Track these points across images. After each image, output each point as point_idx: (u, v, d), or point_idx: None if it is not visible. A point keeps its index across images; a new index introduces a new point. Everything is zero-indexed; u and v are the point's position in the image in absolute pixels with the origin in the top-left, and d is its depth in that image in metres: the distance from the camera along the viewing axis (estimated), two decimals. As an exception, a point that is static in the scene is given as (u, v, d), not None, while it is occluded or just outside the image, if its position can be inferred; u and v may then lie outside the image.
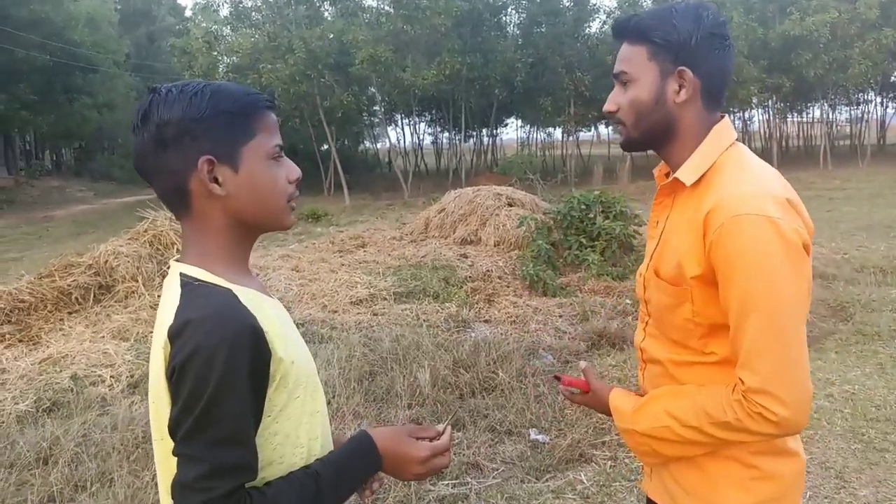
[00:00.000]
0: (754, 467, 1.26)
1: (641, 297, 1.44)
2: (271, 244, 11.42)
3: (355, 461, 1.14)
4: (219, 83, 1.08)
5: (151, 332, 4.40)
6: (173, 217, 6.46)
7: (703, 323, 1.24)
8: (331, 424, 1.27)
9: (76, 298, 6.32)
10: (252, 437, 1.00)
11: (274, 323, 1.05)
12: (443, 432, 1.23)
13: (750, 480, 1.26)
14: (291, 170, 1.13)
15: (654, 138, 1.30)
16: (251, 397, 0.98)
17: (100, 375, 4.96)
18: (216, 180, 1.04)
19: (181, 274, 1.06)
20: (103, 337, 5.69)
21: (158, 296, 6.35)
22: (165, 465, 1.03)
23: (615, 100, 1.30)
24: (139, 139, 1.04)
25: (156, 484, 3.33)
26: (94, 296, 6.39)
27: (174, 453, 0.97)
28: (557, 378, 1.61)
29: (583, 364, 1.58)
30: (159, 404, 1.01)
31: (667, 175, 1.38)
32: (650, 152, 1.42)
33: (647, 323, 1.44)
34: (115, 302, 6.35)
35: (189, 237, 1.09)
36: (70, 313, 6.22)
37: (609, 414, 1.46)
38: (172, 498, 0.98)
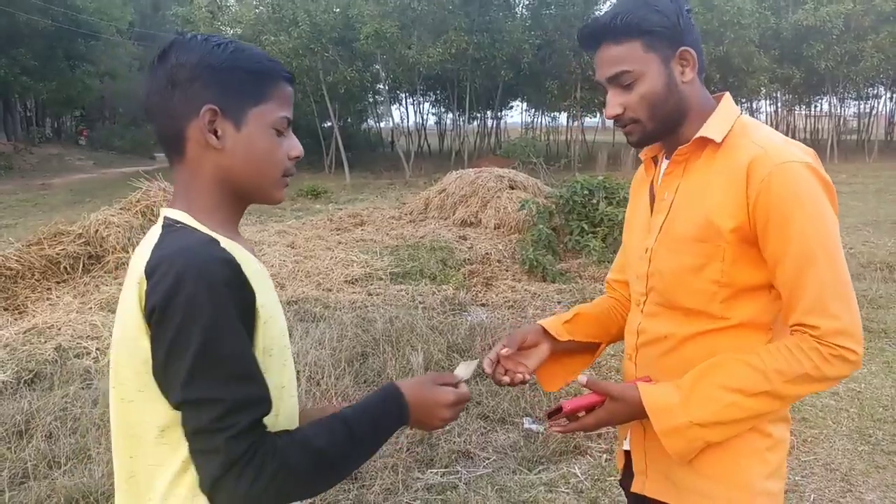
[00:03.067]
0: (770, 436, 1.26)
1: (644, 273, 1.34)
2: (269, 219, 11.26)
3: (384, 411, 1.10)
4: (244, 44, 1.07)
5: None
6: (167, 187, 6.24)
7: (729, 284, 1.22)
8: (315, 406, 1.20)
9: (65, 268, 6.17)
10: (259, 368, 0.96)
11: (255, 277, 1.00)
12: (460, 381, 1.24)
13: (766, 451, 1.26)
14: (293, 146, 1.10)
15: (670, 124, 1.28)
16: (244, 330, 0.94)
17: (85, 347, 4.83)
18: (215, 132, 1.02)
19: (165, 217, 1.04)
20: (91, 308, 5.56)
21: (149, 268, 6.22)
22: (120, 411, 0.99)
23: (618, 102, 1.26)
24: (152, 77, 1.03)
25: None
26: (84, 266, 6.25)
27: (175, 403, 0.92)
28: (556, 413, 1.31)
29: (582, 378, 1.31)
30: (126, 346, 0.95)
31: (654, 159, 1.41)
32: None
33: (643, 302, 1.35)
34: (105, 272, 6.21)
35: (179, 185, 1.07)
36: (58, 283, 6.09)
37: (633, 418, 1.28)
38: (191, 452, 0.93)
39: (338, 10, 21.83)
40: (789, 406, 1.29)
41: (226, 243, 1.00)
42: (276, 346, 1.03)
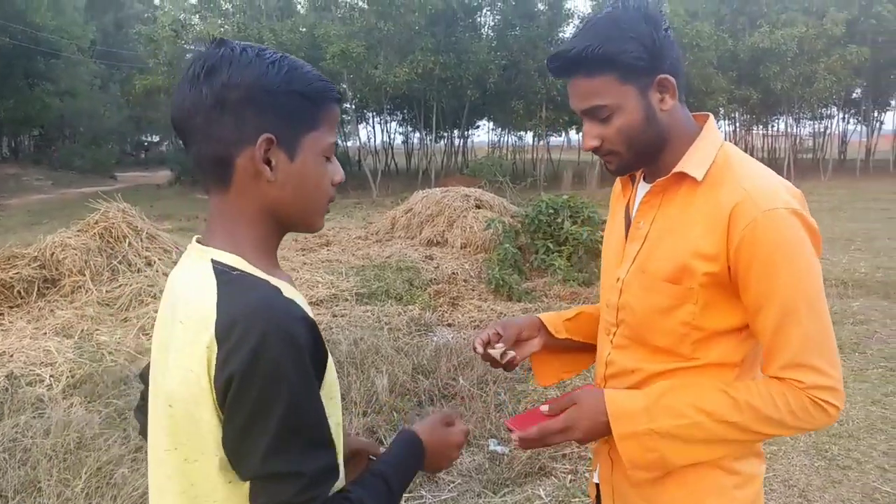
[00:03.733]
0: (737, 473, 1.22)
1: (614, 304, 1.30)
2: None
3: (409, 461, 1.12)
4: (294, 59, 0.97)
5: (97, 329, 4.10)
6: (127, 208, 6.01)
7: (700, 327, 1.18)
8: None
9: (18, 292, 5.99)
10: (331, 432, 0.92)
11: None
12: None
13: (733, 489, 1.22)
14: (336, 171, 1.03)
15: (650, 154, 1.22)
16: (319, 391, 0.91)
17: (38, 374, 4.68)
18: (269, 162, 0.93)
19: (214, 261, 0.93)
20: (45, 333, 5.40)
21: (107, 291, 6.09)
22: (184, 471, 0.92)
23: (594, 134, 1.20)
24: (194, 93, 0.91)
25: (87, 494, 3.11)
26: (38, 289, 6.08)
27: (249, 476, 0.87)
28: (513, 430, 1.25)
29: (544, 408, 1.25)
30: (185, 409, 0.88)
31: (631, 177, 1.35)
32: None
33: (613, 333, 1.31)
34: (61, 296, 6.04)
35: (219, 217, 0.97)
36: (11, 307, 5.90)
37: (596, 433, 1.21)
38: None
39: (304, 29, 21.92)
40: (760, 442, 1.25)
41: (285, 290, 0.93)
42: (333, 387, 0.99)
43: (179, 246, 7.20)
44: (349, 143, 37.28)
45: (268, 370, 0.82)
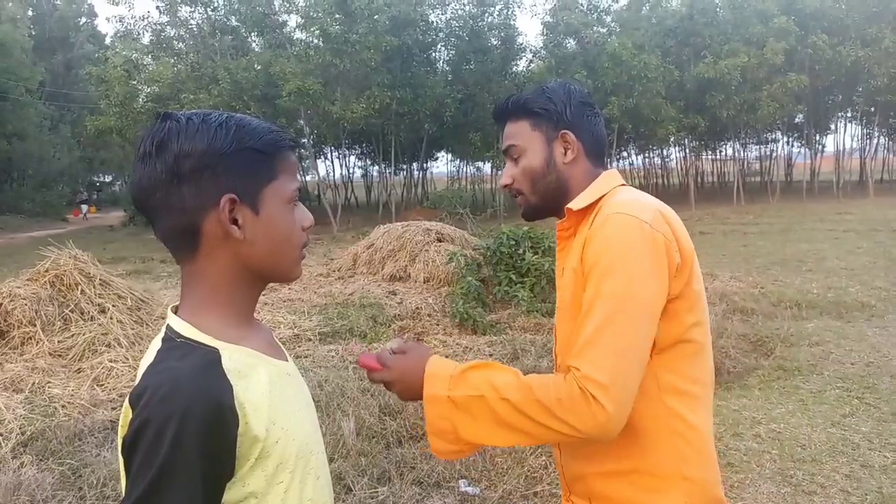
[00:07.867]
0: None
1: (554, 350, 1.41)
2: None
3: None
4: (240, 116, 0.99)
5: (49, 382, 3.96)
6: (78, 254, 5.81)
7: None
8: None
9: (-36, 346, 5.73)
10: None
11: (260, 392, 0.94)
12: None
13: None
14: (304, 216, 1.05)
15: (552, 200, 1.37)
16: (201, 483, 0.85)
17: (-15, 433, 4.46)
18: (235, 221, 0.95)
19: (167, 327, 0.97)
20: (-7, 389, 5.16)
21: (58, 341, 5.88)
22: None
23: (509, 174, 1.39)
24: (149, 170, 0.93)
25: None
26: (-15, 343, 5.82)
27: None
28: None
29: (394, 343, 1.33)
30: (119, 466, 0.93)
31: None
32: None
33: None
34: (10, 349, 5.79)
35: (189, 283, 0.99)
36: (-44, 363, 5.63)
37: (408, 384, 1.25)
38: None
39: (259, 67, 21.87)
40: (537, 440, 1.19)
41: (233, 355, 0.94)
42: (291, 460, 0.96)
43: (134, 291, 7.00)
44: (308, 178, 37.22)
45: (148, 441, 0.83)
